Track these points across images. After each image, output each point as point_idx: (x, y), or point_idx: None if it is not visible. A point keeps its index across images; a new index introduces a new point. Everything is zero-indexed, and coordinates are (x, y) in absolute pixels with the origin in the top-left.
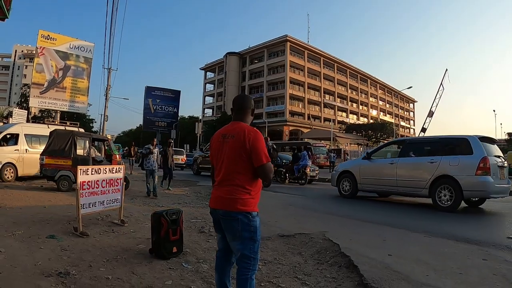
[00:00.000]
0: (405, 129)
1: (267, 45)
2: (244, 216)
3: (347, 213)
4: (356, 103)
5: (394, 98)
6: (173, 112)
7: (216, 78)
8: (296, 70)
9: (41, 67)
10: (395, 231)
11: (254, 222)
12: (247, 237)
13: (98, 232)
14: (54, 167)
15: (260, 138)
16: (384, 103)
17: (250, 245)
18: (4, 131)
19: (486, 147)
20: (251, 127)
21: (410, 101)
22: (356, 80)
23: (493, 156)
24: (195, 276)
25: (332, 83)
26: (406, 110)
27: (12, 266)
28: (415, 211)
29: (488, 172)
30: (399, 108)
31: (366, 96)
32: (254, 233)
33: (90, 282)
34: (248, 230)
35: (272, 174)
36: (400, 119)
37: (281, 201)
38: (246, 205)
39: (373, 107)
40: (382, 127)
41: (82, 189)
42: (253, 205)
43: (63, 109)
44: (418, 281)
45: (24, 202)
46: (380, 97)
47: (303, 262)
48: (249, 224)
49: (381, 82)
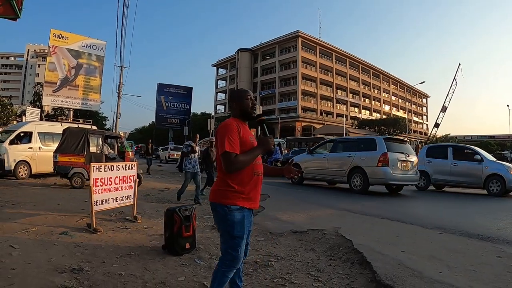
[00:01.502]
0: (418, 125)
1: (278, 41)
2: (221, 208)
3: (360, 209)
4: (369, 99)
5: (407, 93)
6: (185, 108)
7: (228, 75)
8: (308, 65)
9: (53, 66)
10: (408, 228)
11: (232, 216)
12: (223, 230)
13: (111, 228)
14: (67, 164)
15: (223, 127)
16: (396, 98)
17: (227, 239)
18: (18, 130)
19: (390, 145)
20: (227, 120)
21: (423, 96)
22: (368, 75)
23: (395, 152)
24: (207, 272)
25: (344, 79)
26: (419, 105)
27: (25, 263)
28: (428, 208)
29: (387, 164)
30: (412, 103)
31: (378, 91)
32: (232, 228)
33: (103, 278)
34: (224, 223)
35: (232, 166)
36: (413, 115)
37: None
38: (224, 197)
39: (385, 103)
40: (395, 123)
41: (96, 186)
42: (233, 198)
43: (76, 107)
44: (431, 277)
45: (38, 199)
46: (393, 92)
47: (315, 258)
48: (225, 217)
49: (394, 77)
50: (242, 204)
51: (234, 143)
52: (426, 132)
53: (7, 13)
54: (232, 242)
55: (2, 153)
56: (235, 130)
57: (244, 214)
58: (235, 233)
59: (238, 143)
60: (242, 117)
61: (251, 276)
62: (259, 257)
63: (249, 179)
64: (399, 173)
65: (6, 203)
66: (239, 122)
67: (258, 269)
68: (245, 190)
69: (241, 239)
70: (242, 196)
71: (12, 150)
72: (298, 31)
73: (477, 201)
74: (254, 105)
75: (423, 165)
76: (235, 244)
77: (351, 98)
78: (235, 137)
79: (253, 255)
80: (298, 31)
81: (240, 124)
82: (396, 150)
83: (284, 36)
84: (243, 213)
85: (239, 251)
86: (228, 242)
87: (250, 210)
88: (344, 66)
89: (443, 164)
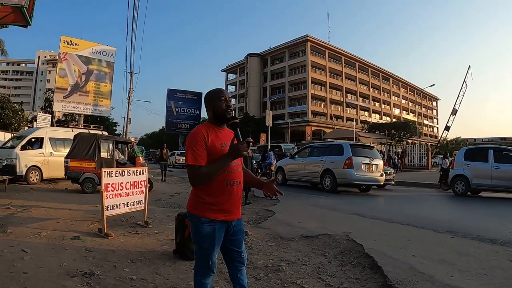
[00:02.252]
0: (429, 128)
1: (287, 46)
2: (193, 218)
3: (370, 213)
4: (379, 102)
5: (417, 96)
6: (195, 114)
7: (238, 80)
8: (318, 70)
9: (64, 72)
10: (419, 232)
11: (202, 228)
12: (195, 241)
13: (123, 233)
14: (78, 169)
15: (189, 138)
16: (406, 102)
17: (198, 250)
18: (29, 135)
19: (355, 150)
20: (195, 128)
21: (433, 99)
22: (378, 78)
23: (360, 156)
24: (218, 276)
25: (354, 82)
26: (429, 108)
27: (37, 267)
28: (439, 211)
29: (351, 167)
30: (422, 107)
31: (388, 94)
32: (201, 240)
33: (115, 282)
34: (196, 234)
35: (196, 179)
36: (423, 118)
37: (301, 201)
38: (195, 208)
39: (395, 106)
40: (405, 126)
41: (107, 191)
42: (203, 210)
43: (86, 112)
44: (443, 282)
45: (49, 204)
46: (403, 95)
47: (326, 263)
48: (196, 228)
49: (403, 80)
50: (214, 216)
51: (198, 155)
52: (436, 135)
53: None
54: (202, 253)
55: (14, 159)
56: (199, 140)
57: (215, 227)
58: (203, 245)
59: (204, 154)
60: (217, 120)
61: (262, 281)
62: (270, 261)
63: (221, 190)
64: (363, 175)
65: (18, 207)
66: (210, 128)
67: (269, 274)
68: (217, 201)
69: (210, 251)
70: (214, 208)
71: (23, 156)
72: (307, 35)
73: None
74: (229, 106)
75: (461, 169)
76: (206, 255)
77: (361, 102)
78: (199, 148)
79: (264, 260)
80: (307, 35)
81: (210, 131)
82: (361, 155)
83: (293, 41)
84: (214, 226)
85: (210, 261)
86: (198, 253)
87: (224, 223)
88: (353, 69)
89: (484, 168)
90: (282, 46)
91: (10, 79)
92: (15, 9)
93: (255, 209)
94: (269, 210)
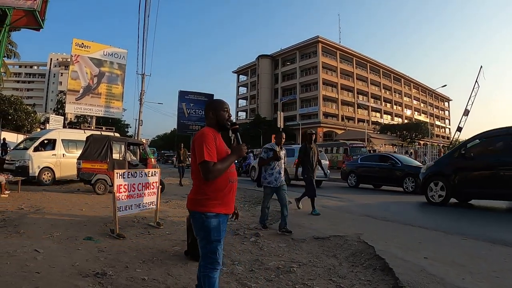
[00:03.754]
0: (441, 129)
1: (298, 47)
2: (199, 215)
3: (382, 215)
4: (390, 103)
5: (429, 97)
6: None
7: (249, 81)
8: (329, 71)
9: (76, 74)
10: (430, 233)
11: (208, 222)
12: (202, 237)
13: (134, 234)
14: (90, 171)
15: (200, 136)
16: (418, 102)
17: (205, 244)
18: (42, 137)
19: None
20: (203, 129)
21: (445, 99)
22: (389, 79)
23: None
24: (229, 277)
25: (365, 83)
26: (441, 109)
27: (50, 267)
28: (450, 213)
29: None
30: (434, 107)
31: (400, 95)
32: (208, 234)
33: (127, 282)
34: (203, 230)
35: (210, 174)
36: (435, 119)
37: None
38: (201, 205)
39: (407, 107)
40: (417, 127)
41: (119, 192)
42: (209, 206)
43: (98, 114)
44: (454, 284)
45: (62, 205)
46: (414, 96)
47: (337, 265)
48: (203, 224)
49: (415, 81)
50: (218, 210)
51: (212, 152)
52: (448, 136)
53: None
54: (210, 247)
55: (27, 160)
56: (211, 139)
57: (220, 220)
58: (212, 238)
59: (215, 152)
60: (218, 127)
61: (273, 282)
62: (281, 263)
63: (225, 186)
64: None
65: (31, 208)
66: (214, 132)
67: (280, 275)
68: (220, 196)
69: (218, 243)
70: (218, 203)
71: (36, 157)
72: (318, 36)
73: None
74: (230, 116)
75: None
76: (214, 248)
77: (373, 103)
78: (212, 146)
79: (275, 261)
80: (318, 36)
81: (215, 134)
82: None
83: (304, 42)
84: (219, 219)
85: (218, 254)
86: (207, 247)
87: (226, 215)
88: (364, 70)
89: None
90: (293, 48)
91: (23, 82)
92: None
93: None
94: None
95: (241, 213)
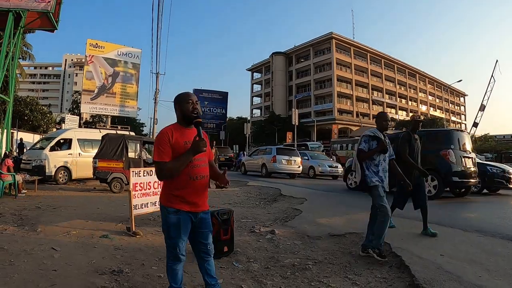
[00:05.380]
0: (456, 124)
1: (312, 44)
2: (162, 208)
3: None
4: (405, 99)
5: (444, 92)
6: (221, 113)
7: (263, 79)
8: (343, 67)
9: (91, 75)
10: (447, 230)
11: (168, 218)
12: (163, 230)
13: (150, 232)
14: (106, 169)
15: (156, 138)
16: (433, 98)
17: (166, 238)
18: (58, 137)
19: (279, 151)
20: (162, 128)
21: (460, 95)
22: (404, 75)
23: (282, 155)
24: (245, 275)
25: (379, 79)
26: (456, 105)
27: (67, 264)
28: (467, 210)
29: (275, 162)
30: (449, 103)
31: (415, 91)
32: (168, 229)
33: (143, 280)
34: (165, 224)
35: (162, 173)
36: (451, 114)
37: (328, 199)
38: (165, 199)
39: (422, 103)
40: (433, 123)
41: (135, 190)
42: (171, 201)
43: (113, 114)
44: (471, 282)
45: (78, 204)
46: (430, 91)
47: (353, 262)
48: (165, 218)
49: (430, 76)
50: (179, 207)
51: (162, 152)
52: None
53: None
54: (169, 242)
55: (43, 159)
56: (165, 139)
57: (181, 218)
58: (170, 234)
59: (169, 151)
60: (184, 121)
61: (288, 279)
62: (297, 260)
63: (185, 183)
64: (283, 166)
65: (48, 207)
66: (176, 128)
67: (296, 272)
68: (182, 194)
69: (176, 240)
70: (180, 200)
71: (52, 156)
72: (332, 32)
73: None
74: (195, 108)
75: None
76: (173, 244)
77: (387, 99)
78: (164, 146)
79: (291, 259)
80: (332, 32)
81: (176, 130)
82: (283, 154)
83: (318, 39)
84: (179, 216)
85: (178, 249)
86: (167, 241)
87: (190, 213)
88: (379, 66)
89: None
90: (306, 44)
91: (38, 83)
92: (42, 15)
93: (282, 207)
94: (296, 208)
95: (257, 210)
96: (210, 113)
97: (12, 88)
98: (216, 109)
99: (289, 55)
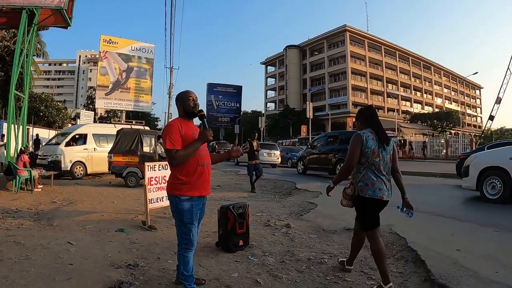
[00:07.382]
0: (472, 118)
1: (326, 36)
2: (173, 198)
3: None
4: (420, 92)
5: (459, 85)
6: (235, 107)
7: (277, 72)
8: (357, 60)
9: (105, 70)
10: (463, 225)
11: (181, 205)
12: (176, 218)
13: (166, 225)
14: (122, 164)
15: (166, 128)
16: (449, 91)
17: (180, 226)
18: (73, 132)
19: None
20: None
21: (476, 87)
22: (419, 67)
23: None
24: (260, 269)
25: (394, 72)
26: (472, 97)
27: (83, 258)
28: (484, 205)
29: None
30: (465, 96)
31: (430, 84)
32: (182, 216)
33: (158, 273)
34: (177, 212)
35: (174, 160)
36: (466, 107)
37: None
38: (174, 189)
39: (437, 95)
40: (448, 116)
41: (150, 184)
42: (182, 190)
43: (128, 108)
44: (487, 278)
45: (94, 198)
46: (445, 84)
47: (369, 256)
48: (177, 206)
49: (445, 69)
50: (191, 193)
51: (174, 141)
52: (480, 125)
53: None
54: (184, 228)
55: (59, 155)
56: (175, 129)
57: (193, 203)
58: (185, 220)
59: (179, 140)
60: (186, 116)
61: (304, 273)
62: (312, 254)
63: (194, 170)
64: (265, 158)
65: (64, 201)
66: (182, 121)
67: (311, 266)
68: (192, 180)
69: (191, 225)
70: (189, 186)
71: (68, 152)
72: (346, 25)
73: None
74: (196, 104)
75: None
76: (187, 229)
77: (402, 92)
78: (175, 135)
79: (306, 252)
80: (346, 25)
81: (182, 123)
82: (266, 148)
83: (332, 31)
84: (192, 202)
85: (191, 235)
86: (181, 228)
87: (200, 198)
88: (393, 59)
89: None
90: (320, 37)
91: (53, 79)
92: (55, 12)
93: (297, 201)
94: (311, 202)
95: (272, 204)
96: (225, 107)
97: (27, 85)
98: (230, 103)
99: (303, 48)
